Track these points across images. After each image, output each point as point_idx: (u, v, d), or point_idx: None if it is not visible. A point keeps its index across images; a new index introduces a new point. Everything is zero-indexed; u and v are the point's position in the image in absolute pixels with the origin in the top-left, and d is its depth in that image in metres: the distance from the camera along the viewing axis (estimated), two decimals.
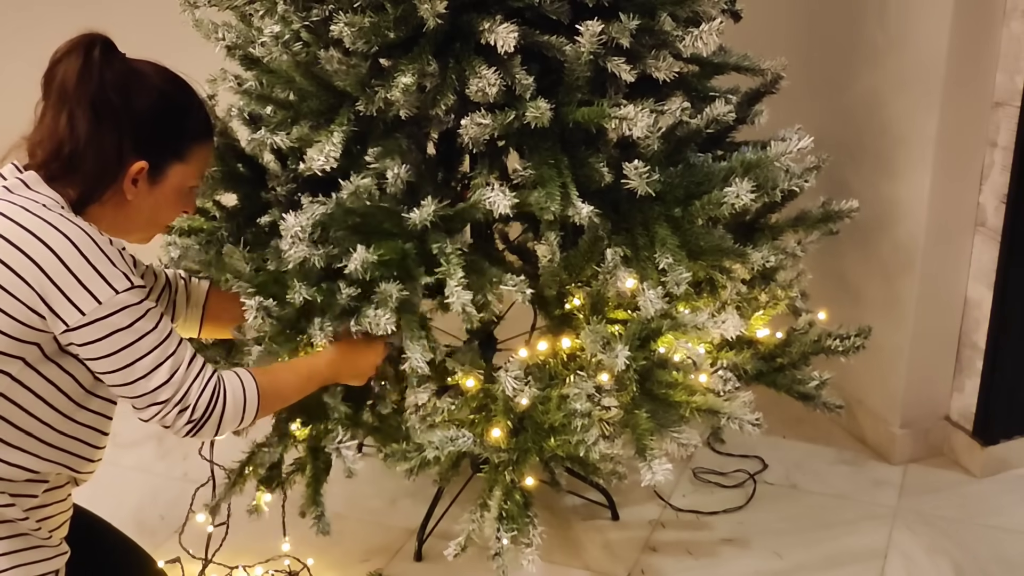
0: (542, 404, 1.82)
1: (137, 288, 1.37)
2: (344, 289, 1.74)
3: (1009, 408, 2.66)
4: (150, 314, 1.39)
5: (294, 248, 1.72)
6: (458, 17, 1.77)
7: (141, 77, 1.44)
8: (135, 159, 1.42)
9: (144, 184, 1.45)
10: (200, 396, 1.42)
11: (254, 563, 2.28)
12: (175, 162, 1.47)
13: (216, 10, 2.01)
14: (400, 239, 1.77)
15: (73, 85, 1.37)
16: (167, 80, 1.47)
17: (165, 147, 1.46)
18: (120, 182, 1.42)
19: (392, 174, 1.77)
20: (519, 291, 1.77)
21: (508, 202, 1.72)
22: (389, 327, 1.71)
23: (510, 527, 1.82)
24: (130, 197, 1.44)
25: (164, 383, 1.40)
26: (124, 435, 2.78)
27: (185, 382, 1.41)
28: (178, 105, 1.47)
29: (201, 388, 1.43)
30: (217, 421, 1.45)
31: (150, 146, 1.43)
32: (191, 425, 1.43)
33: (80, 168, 1.39)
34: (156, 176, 1.45)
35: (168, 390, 1.40)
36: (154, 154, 1.44)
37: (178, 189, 1.50)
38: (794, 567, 2.36)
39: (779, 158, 1.84)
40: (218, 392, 1.45)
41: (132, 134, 1.41)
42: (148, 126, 1.43)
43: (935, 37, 2.38)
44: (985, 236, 2.55)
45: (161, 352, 1.40)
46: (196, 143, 1.50)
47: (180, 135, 1.47)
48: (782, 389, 2.15)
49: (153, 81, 1.45)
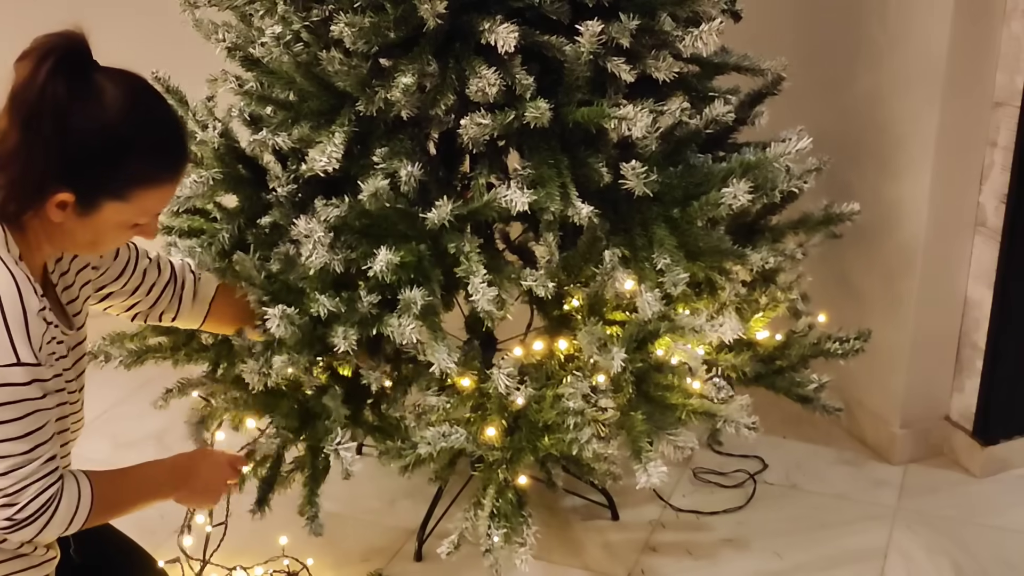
0: (537, 403, 1.82)
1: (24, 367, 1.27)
2: (365, 297, 1.74)
3: (1009, 408, 2.66)
4: (28, 404, 1.29)
5: (315, 254, 1.72)
6: (458, 17, 1.77)
7: (93, 103, 1.28)
8: (59, 188, 1.28)
9: (72, 213, 1.32)
10: (33, 500, 1.32)
11: (253, 563, 2.28)
12: (111, 200, 1.32)
13: (216, 10, 2.01)
14: (414, 241, 1.77)
15: (14, 93, 1.26)
16: (125, 111, 1.30)
17: (98, 184, 1.31)
18: (42, 206, 1.30)
19: (406, 173, 1.77)
20: (540, 285, 1.77)
21: (526, 199, 1.72)
22: (414, 336, 1.70)
23: (501, 525, 1.82)
24: (57, 220, 1.32)
25: (4, 473, 1.29)
26: (124, 435, 2.79)
27: (24, 481, 1.31)
28: (122, 142, 1.30)
29: (38, 492, 1.32)
30: (39, 528, 1.34)
31: (79, 179, 1.29)
32: (9, 524, 1.32)
33: (6, 179, 1.29)
34: (86, 209, 1.32)
35: (3, 481, 1.30)
36: (84, 188, 1.30)
37: (118, 223, 1.36)
38: (794, 567, 2.36)
39: (778, 159, 1.84)
40: (52, 501, 1.34)
41: (59, 162, 1.27)
42: (79, 158, 1.28)
43: (935, 37, 2.38)
44: (985, 236, 2.55)
45: (23, 443, 1.30)
46: (140, 186, 1.33)
47: (118, 175, 1.31)
48: (781, 391, 2.15)
49: (103, 111, 1.28)
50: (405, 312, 1.72)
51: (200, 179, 1.88)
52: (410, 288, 1.73)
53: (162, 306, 1.70)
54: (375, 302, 1.75)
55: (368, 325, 1.77)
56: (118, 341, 2.02)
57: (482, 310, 1.71)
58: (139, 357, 2.01)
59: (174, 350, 2.01)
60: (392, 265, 1.70)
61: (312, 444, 1.95)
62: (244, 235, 1.94)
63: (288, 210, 1.88)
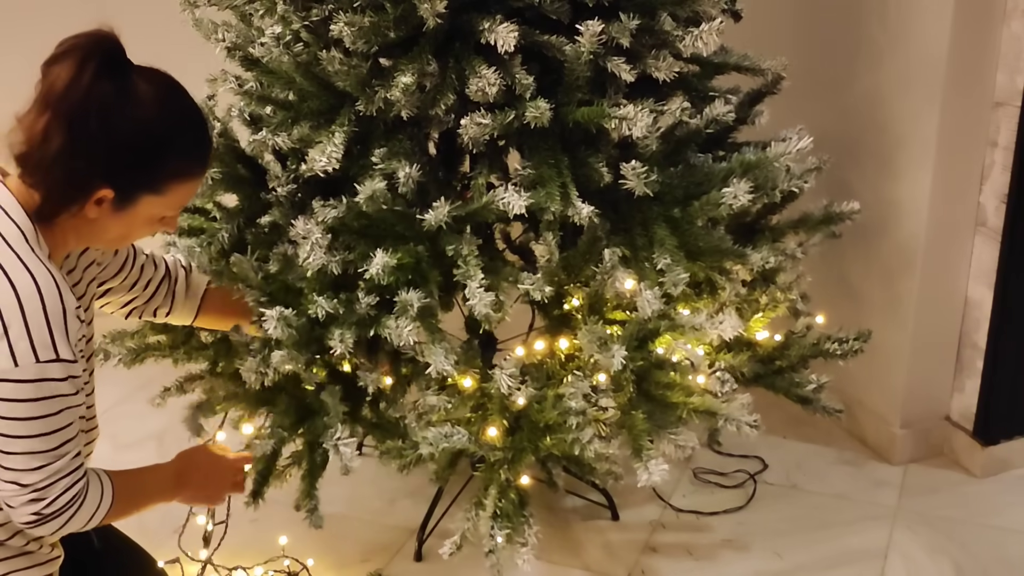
0: (538, 403, 1.82)
1: (63, 363, 1.29)
2: (363, 299, 1.74)
3: (1010, 408, 2.66)
4: (62, 400, 1.31)
5: (313, 255, 1.72)
6: (458, 17, 1.77)
7: (132, 102, 1.31)
8: (101, 186, 1.32)
9: (108, 208, 1.35)
10: (61, 495, 1.34)
11: (254, 563, 2.28)
12: (148, 194, 1.37)
13: (216, 10, 2.01)
14: (412, 242, 1.77)
15: (58, 94, 1.28)
16: (162, 109, 1.35)
17: (137, 180, 1.35)
18: (83, 203, 1.33)
19: (404, 174, 1.77)
20: (537, 289, 1.77)
21: (524, 202, 1.72)
22: (412, 338, 1.71)
23: (504, 525, 1.82)
24: (92, 216, 1.35)
25: (35, 468, 1.31)
26: (124, 435, 2.79)
27: (54, 476, 1.33)
28: (162, 140, 1.35)
29: (66, 488, 1.35)
30: (63, 522, 1.36)
31: (120, 176, 1.33)
32: (37, 518, 1.34)
33: (45, 180, 1.31)
34: (123, 204, 1.36)
35: (34, 475, 1.32)
36: (124, 184, 1.34)
37: (149, 217, 1.41)
38: (794, 567, 2.36)
39: (779, 158, 1.84)
40: (79, 497, 1.37)
41: (104, 161, 1.30)
42: (122, 156, 1.32)
43: (935, 37, 2.38)
44: (985, 236, 2.55)
45: (53, 439, 1.31)
46: (176, 180, 1.39)
47: (157, 170, 1.36)
48: (780, 392, 2.14)
49: (143, 109, 1.32)
50: (402, 314, 1.72)
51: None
52: (408, 290, 1.73)
53: (157, 301, 1.72)
54: (373, 303, 1.75)
55: (366, 326, 1.76)
56: (118, 339, 2.03)
57: (479, 315, 1.71)
58: (138, 355, 2.01)
59: (173, 348, 2.02)
60: (389, 267, 1.70)
61: (310, 439, 1.95)
62: (243, 235, 1.94)
63: (287, 210, 1.88)
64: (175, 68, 2.01)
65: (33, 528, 1.36)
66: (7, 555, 1.41)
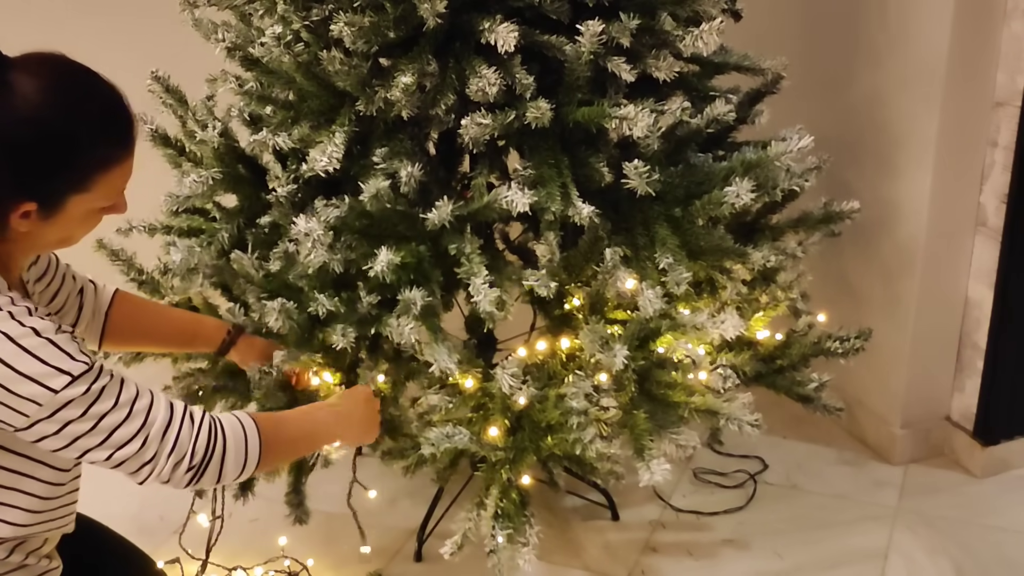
0: (539, 403, 1.82)
1: (80, 378, 1.21)
2: (365, 297, 1.74)
3: (1010, 408, 2.66)
4: (106, 392, 1.24)
5: (314, 253, 1.72)
6: (458, 17, 1.77)
7: (16, 102, 1.15)
8: (18, 200, 1.19)
9: (36, 218, 1.23)
10: (195, 441, 1.29)
11: (253, 564, 2.28)
12: (73, 194, 1.23)
13: (216, 10, 2.01)
14: (414, 241, 1.77)
15: None
16: (54, 100, 1.18)
17: (54, 183, 1.21)
18: (6, 223, 1.21)
19: (406, 174, 1.77)
20: (542, 285, 1.77)
21: (527, 200, 1.72)
22: (413, 337, 1.70)
23: (506, 525, 1.82)
24: (24, 230, 1.23)
25: (144, 443, 1.26)
26: None
27: (170, 434, 1.28)
28: (64, 134, 1.19)
29: (193, 433, 1.30)
30: (219, 465, 1.32)
31: (34, 185, 1.19)
32: (192, 472, 1.29)
33: None
34: (51, 210, 1.23)
35: (151, 448, 1.27)
36: (41, 191, 1.20)
37: (86, 213, 1.28)
38: (794, 567, 2.36)
39: (779, 158, 1.84)
40: (215, 433, 1.32)
41: (8, 174, 1.17)
42: (26, 164, 1.17)
43: (935, 37, 2.38)
44: (986, 236, 2.55)
45: (132, 422, 1.26)
46: (99, 171, 1.23)
47: (72, 169, 1.21)
48: (781, 391, 2.15)
49: (32, 107, 1.16)
50: (404, 313, 1.72)
51: (200, 179, 1.88)
52: (410, 289, 1.73)
53: (69, 317, 1.59)
54: (375, 302, 1.75)
55: (367, 325, 1.76)
56: None
57: (483, 311, 1.71)
58: (138, 354, 2.01)
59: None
60: (392, 265, 1.70)
61: None
62: (243, 235, 1.95)
63: (288, 210, 1.88)
64: (175, 68, 2.02)
65: (198, 484, 1.31)
66: (6, 571, 1.40)
